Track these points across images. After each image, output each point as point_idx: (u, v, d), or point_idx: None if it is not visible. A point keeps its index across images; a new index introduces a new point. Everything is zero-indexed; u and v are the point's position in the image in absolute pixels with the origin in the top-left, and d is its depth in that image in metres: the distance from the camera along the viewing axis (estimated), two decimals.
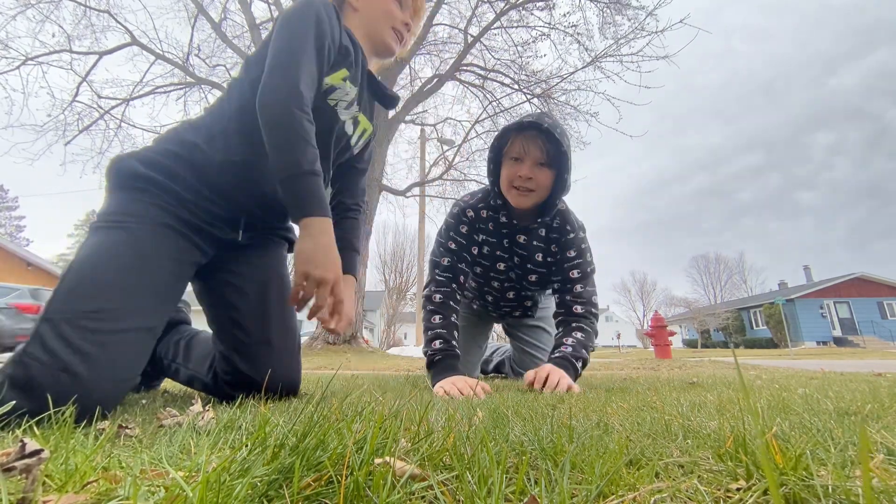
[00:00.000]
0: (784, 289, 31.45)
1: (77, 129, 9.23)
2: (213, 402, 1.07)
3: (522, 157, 1.48)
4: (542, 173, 1.48)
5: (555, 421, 0.66)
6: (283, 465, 0.37)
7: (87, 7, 8.75)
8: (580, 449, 0.47)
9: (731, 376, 2.07)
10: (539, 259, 1.67)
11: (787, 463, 0.39)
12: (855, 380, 1.70)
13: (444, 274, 1.66)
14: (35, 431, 0.57)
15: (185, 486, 0.32)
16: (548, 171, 1.49)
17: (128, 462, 0.45)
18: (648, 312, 59.15)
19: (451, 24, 10.78)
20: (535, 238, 1.65)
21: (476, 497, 0.34)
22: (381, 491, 0.34)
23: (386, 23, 1.25)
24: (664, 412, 0.78)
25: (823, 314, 24.20)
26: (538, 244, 1.65)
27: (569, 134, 1.68)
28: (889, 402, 0.89)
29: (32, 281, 15.11)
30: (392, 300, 32.32)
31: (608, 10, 9.11)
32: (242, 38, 10.15)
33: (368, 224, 9.57)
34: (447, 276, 1.65)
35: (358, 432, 0.44)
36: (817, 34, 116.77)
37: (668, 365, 4.41)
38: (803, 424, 0.63)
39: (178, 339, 1.33)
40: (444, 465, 0.43)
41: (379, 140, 9.78)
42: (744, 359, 7.07)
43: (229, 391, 1.14)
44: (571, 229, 1.63)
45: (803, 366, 3.92)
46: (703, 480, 0.40)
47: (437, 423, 0.62)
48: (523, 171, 1.47)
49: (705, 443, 0.52)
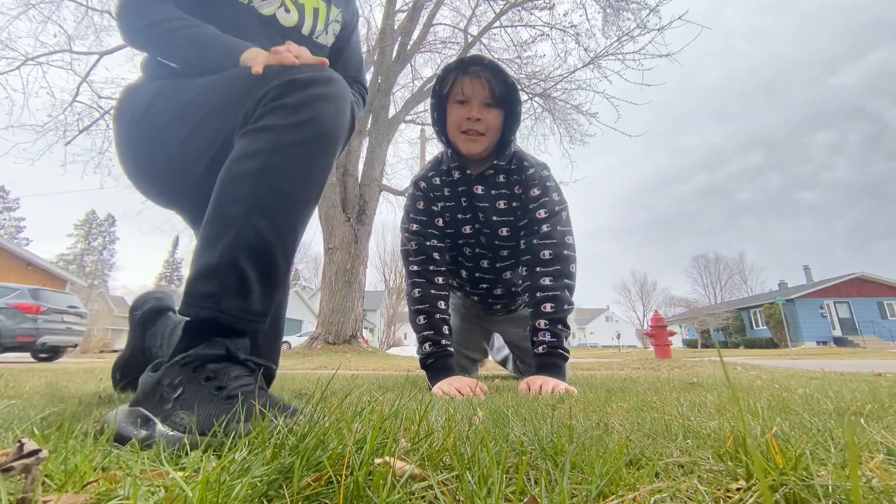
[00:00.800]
0: (784, 289, 31.46)
1: (77, 129, 9.24)
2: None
3: (469, 98, 1.39)
4: (491, 113, 1.39)
5: (555, 421, 0.66)
6: (282, 465, 0.37)
7: (88, 7, 8.75)
8: (580, 449, 0.47)
9: (731, 376, 2.07)
10: (502, 207, 1.52)
11: (787, 463, 0.39)
12: (855, 380, 1.70)
13: (416, 259, 1.56)
14: (35, 431, 0.57)
15: (184, 486, 0.32)
16: (496, 110, 1.40)
17: (128, 462, 0.45)
18: (648, 312, 59.15)
19: (452, 24, 10.79)
20: (493, 186, 1.52)
21: (476, 497, 0.34)
22: (381, 491, 0.34)
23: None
24: (664, 412, 0.78)
25: (823, 314, 24.21)
26: (497, 192, 1.52)
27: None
28: (889, 402, 0.89)
29: (32, 281, 15.12)
30: (392, 300, 32.33)
31: (610, 9, 9.11)
32: None
33: (368, 224, 9.57)
34: (420, 260, 1.55)
35: (358, 432, 0.44)
36: (817, 33, 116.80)
37: (668, 365, 4.41)
38: (803, 424, 0.63)
39: (165, 328, 1.30)
40: (444, 465, 0.43)
41: (379, 140, 9.79)
42: (744, 359, 7.06)
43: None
44: (530, 165, 1.50)
45: (804, 366, 3.91)
46: (703, 480, 0.40)
47: (437, 423, 0.62)
48: (472, 114, 1.37)
49: (705, 443, 0.52)
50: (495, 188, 1.52)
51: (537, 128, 10.75)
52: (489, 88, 1.37)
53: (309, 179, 0.81)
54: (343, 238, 8.95)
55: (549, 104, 10.19)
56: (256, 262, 0.75)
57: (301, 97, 0.79)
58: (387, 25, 9.12)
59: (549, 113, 10.31)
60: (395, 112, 10.52)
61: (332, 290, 8.77)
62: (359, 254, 9.12)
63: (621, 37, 8.77)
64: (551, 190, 1.51)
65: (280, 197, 0.77)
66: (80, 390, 1.44)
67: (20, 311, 7.66)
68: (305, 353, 7.83)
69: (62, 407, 0.90)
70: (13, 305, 7.68)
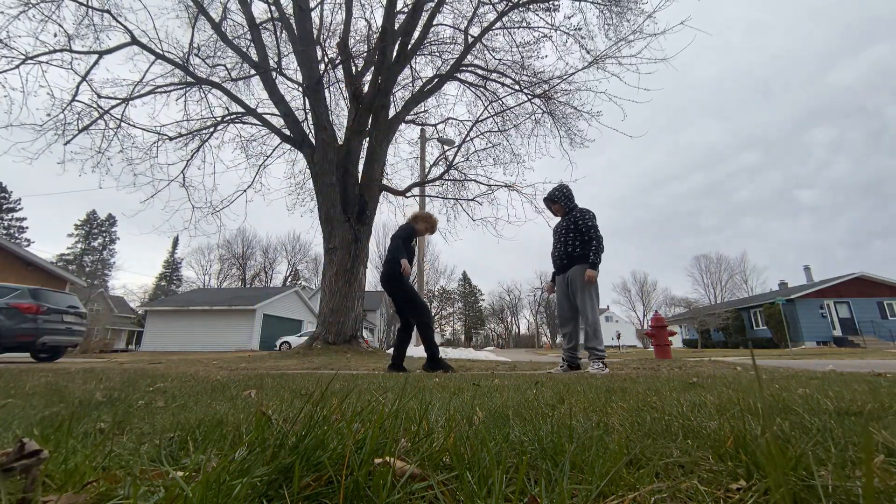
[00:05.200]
0: (784, 289, 31.44)
1: (77, 128, 9.23)
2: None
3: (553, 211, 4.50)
4: (555, 207, 4.39)
5: (555, 421, 0.65)
6: (282, 465, 0.37)
7: (88, 7, 8.75)
8: (580, 449, 0.47)
9: (731, 376, 2.07)
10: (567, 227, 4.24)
11: (787, 463, 0.39)
12: (855, 380, 1.69)
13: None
14: (35, 431, 0.57)
15: (184, 487, 0.32)
16: (557, 205, 4.35)
17: (128, 462, 0.45)
18: (648, 312, 59.15)
19: (453, 25, 10.79)
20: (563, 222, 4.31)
21: (476, 497, 0.34)
22: (381, 491, 0.34)
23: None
24: (664, 412, 0.78)
25: (823, 314, 24.19)
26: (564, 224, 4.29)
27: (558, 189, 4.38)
28: (889, 402, 0.89)
29: (32, 281, 15.12)
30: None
31: (608, 12, 9.12)
32: (243, 39, 10.16)
33: (368, 224, 9.57)
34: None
35: (358, 432, 0.44)
36: (814, 29, 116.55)
37: (668, 365, 4.40)
38: (803, 424, 0.63)
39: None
40: (444, 465, 0.43)
41: (379, 140, 9.79)
42: (744, 359, 7.06)
43: None
44: (580, 215, 4.18)
45: (806, 366, 3.91)
46: (703, 480, 0.40)
47: (436, 423, 0.62)
48: (555, 212, 4.46)
49: (705, 443, 0.52)
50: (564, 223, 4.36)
51: (538, 130, 10.77)
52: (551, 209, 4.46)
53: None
54: (343, 238, 8.95)
55: (549, 106, 10.19)
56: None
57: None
58: (387, 26, 9.11)
59: (549, 116, 10.31)
60: (395, 112, 10.52)
61: (332, 290, 8.77)
62: (359, 254, 9.12)
63: (619, 41, 8.78)
64: (588, 221, 4.12)
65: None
66: (80, 390, 1.43)
67: (20, 311, 7.66)
68: (305, 353, 7.83)
69: (62, 407, 0.90)
70: (13, 305, 7.68)
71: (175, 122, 10.08)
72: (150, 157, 9.91)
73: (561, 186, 4.35)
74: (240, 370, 4.26)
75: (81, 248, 50.16)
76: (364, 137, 9.83)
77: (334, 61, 10.62)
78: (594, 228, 4.03)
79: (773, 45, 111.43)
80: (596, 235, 4.00)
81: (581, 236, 4.06)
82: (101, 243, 51.47)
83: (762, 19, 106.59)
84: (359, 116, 9.53)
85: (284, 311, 27.35)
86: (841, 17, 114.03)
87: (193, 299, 26.53)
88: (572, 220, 4.13)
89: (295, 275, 52.99)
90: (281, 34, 10.10)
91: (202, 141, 10.47)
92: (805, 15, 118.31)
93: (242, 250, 50.31)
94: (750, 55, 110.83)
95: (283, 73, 9.90)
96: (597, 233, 4.02)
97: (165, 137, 9.99)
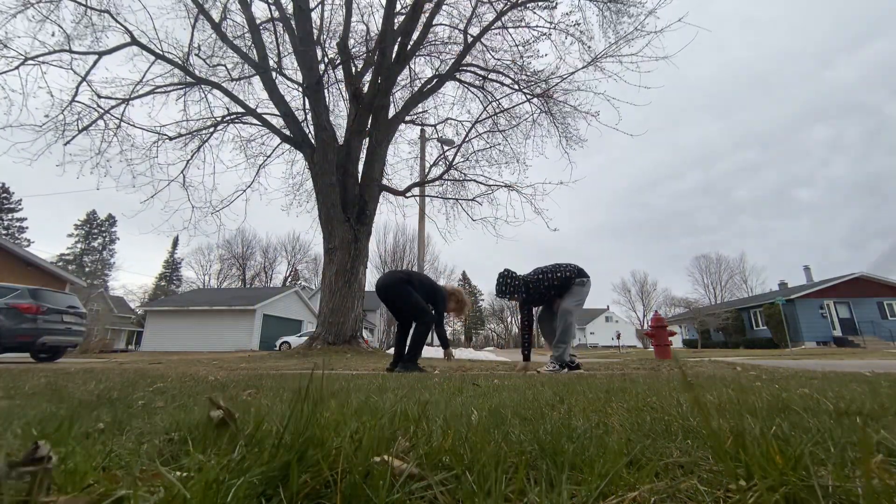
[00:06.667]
0: (784, 289, 31.42)
1: (76, 128, 9.22)
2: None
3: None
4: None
5: (555, 421, 0.65)
6: (280, 464, 0.37)
7: (88, 7, 8.75)
8: (580, 449, 0.47)
9: (731, 376, 2.07)
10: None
11: (787, 463, 0.39)
12: (855, 380, 1.69)
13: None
14: (34, 431, 0.57)
15: (182, 488, 0.32)
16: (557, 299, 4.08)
17: (128, 462, 0.45)
18: (648, 312, 59.15)
19: (451, 25, 10.79)
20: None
21: (475, 497, 0.34)
22: (380, 491, 0.33)
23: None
24: (664, 412, 0.78)
25: (823, 314, 24.18)
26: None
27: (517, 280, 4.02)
28: (889, 402, 0.89)
29: (32, 281, 15.11)
30: None
31: (608, 11, 9.12)
32: (243, 39, 10.16)
33: (368, 224, 9.56)
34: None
35: (356, 431, 0.44)
36: (812, 25, 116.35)
37: (668, 365, 4.40)
38: (803, 424, 0.63)
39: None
40: (444, 464, 0.43)
41: (379, 140, 9.79)
42: (744, 359, 7.05)
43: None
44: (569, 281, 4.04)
45: (805, 365, 3.91)
46: (703, 480, 0.40)
47: (435, 423, 0.62)
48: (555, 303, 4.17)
49: (705, 443, 0.52)
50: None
51: (536, 131, 10.77)
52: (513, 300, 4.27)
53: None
54: (343, 238, 8.94)
55: (548, 105, 10.19)
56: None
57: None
58: (387, 27, 9.11)
59: (547, 115, 10.31)
60: (394, 112, 10.51)
61: (332, 290, 8.76)
62: (359, 254, 9.12)
63: (618, 40, 8.78)
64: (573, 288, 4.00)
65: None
66: (80, 390, 1.43)
67: (20, 311, 7.66)
68: (305, 354, 7.83)
69: (62, 407, 0.90)
70: (13, 305, 7.67)
71: (175, 123, 10.09)
72: (149, 157, 9.92)
73: (501, 283, 3.97)
74: (239, 370, 4.26)
75: (81, 249, 50.16)
76: (364, 137, 9.83)
77: (334, 61, 10.62)
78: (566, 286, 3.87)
79: (769, 41, 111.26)
80: (566, 314, 3.81)
81: (559, 290, 3.91)
82: (100, 243, 51.48)
83: (759, 15, 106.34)
84: (359, 116, 9.53)
85: (284, 311, 27.35)
86: (839, 12, 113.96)
87: (193, 299, 26.51)
88: (541, 286, 3.90)
89: (295, 275, 53.00)
90: (281, 35, 10.10)
91: (202, 141, 10.48)
92: (801, 11, 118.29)
93: (242, 250, 50.31)
94: (747, 51, 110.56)
95: (283, 73, 9.90)
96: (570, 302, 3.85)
97: (165, 137, 9.99)
